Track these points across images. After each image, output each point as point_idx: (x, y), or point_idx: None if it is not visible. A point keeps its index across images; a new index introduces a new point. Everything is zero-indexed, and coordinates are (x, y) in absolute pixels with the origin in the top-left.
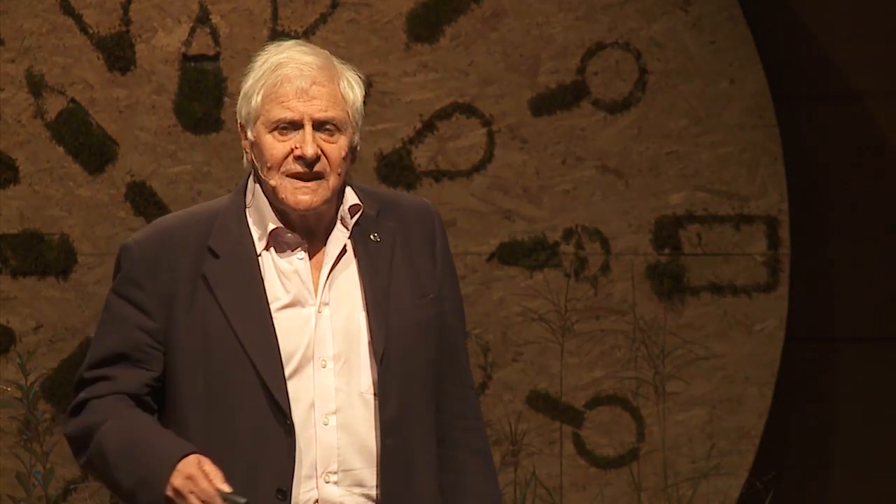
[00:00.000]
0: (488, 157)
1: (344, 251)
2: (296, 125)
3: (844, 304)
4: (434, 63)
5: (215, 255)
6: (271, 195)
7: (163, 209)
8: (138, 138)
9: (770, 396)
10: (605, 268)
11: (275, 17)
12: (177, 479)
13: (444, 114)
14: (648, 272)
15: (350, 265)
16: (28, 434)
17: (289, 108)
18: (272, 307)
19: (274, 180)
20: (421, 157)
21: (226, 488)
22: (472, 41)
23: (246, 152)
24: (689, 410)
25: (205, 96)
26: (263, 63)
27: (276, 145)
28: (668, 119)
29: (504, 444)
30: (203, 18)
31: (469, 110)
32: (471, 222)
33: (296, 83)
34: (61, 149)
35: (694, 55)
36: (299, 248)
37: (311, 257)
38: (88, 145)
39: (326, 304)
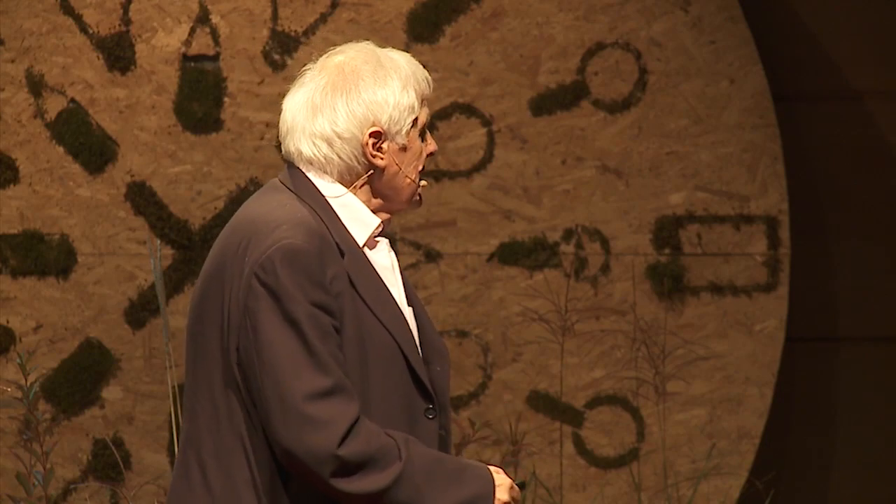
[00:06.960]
0: (488, 157)
1: None
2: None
3: (844, 304)
4: (434, 63)
5: (342, 253)
6: (393, 196)
7: (163, 209)
8: (138, 138)
9: (770, 396)
10: (605, 268)
11: (275, 17)
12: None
13: (444, 114)
14: (648, 272)
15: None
16: (28, 434)
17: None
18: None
19: (415, 181)
20: None
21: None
22: (472, 41)
23: (379, 158)
24: (689, 410)
25: (205, 96)
26: (394, 66)
27: (422, 147)
28: (668, 119)
29: (504, 444)
30: (203, 18)
31: (469, 110)
32: (471, 222)
33: (429, 84)
34: (61, 149)
35: (694, 55)
36: (380, 244)
37: None
38: (88, 145)
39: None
